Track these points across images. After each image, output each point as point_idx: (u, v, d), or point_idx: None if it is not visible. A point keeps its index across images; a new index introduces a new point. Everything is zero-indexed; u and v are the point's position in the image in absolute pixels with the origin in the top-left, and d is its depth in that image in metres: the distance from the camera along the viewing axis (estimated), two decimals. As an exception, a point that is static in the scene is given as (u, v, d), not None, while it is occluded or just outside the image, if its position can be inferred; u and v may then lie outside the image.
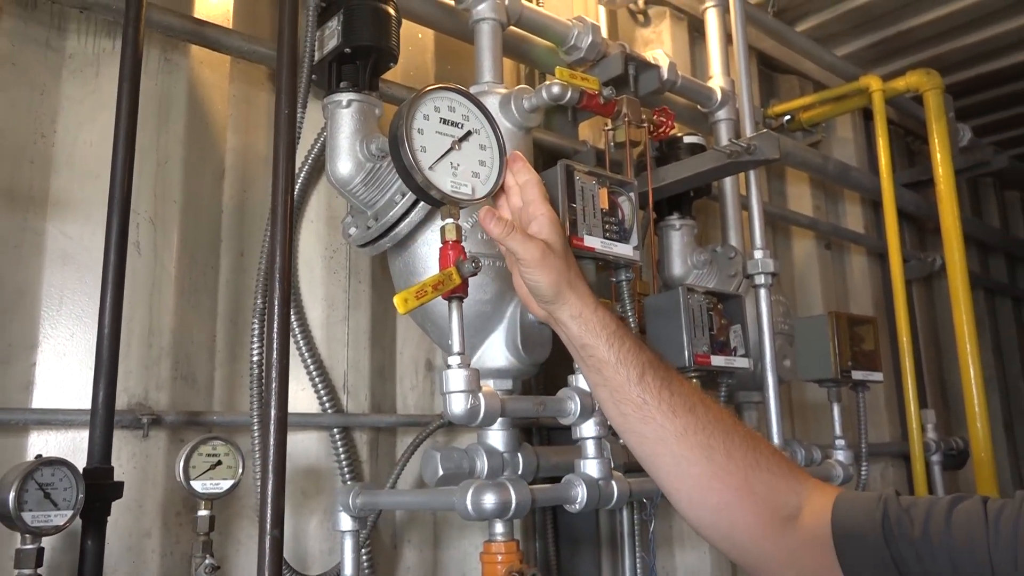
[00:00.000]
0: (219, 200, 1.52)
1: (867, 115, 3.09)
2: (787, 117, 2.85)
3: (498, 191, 1.03)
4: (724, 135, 2.06)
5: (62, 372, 1.29)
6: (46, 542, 1.00)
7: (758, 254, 1.64)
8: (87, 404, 1.25)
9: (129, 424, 1.29)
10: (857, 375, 1.62)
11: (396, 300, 0.96)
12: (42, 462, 0.98)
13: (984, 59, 3.23)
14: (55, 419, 1.24)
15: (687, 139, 1.90)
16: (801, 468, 0.94)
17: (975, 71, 3.32)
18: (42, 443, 1.24)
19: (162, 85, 1.45)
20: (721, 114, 2.06)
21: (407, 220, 1.33)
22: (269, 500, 0.96)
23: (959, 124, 3.19)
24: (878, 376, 1.66)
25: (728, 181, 2.01)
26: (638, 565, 1.85)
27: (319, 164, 1.58)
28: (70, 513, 0.99)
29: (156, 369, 1.36)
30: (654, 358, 0.92)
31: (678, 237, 1.91)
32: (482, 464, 1.30)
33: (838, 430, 1.66)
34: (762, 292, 1.60)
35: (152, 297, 1.37)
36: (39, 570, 0.97)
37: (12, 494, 0.94)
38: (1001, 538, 0.75)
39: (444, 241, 1.03)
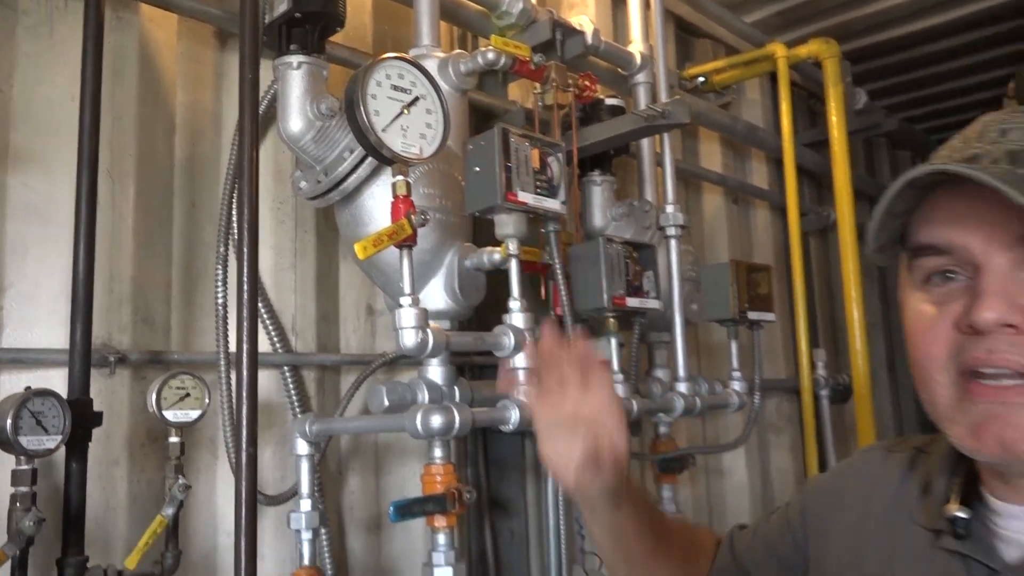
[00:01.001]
0: (171, 154, 1.61)
1: (774, 79, 3.32)
2: (701, 79, 3.04)
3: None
4: (642, 98, 2.22)
5: (29, 316, 1.38)
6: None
7: (669, 208, 1.84)
8: (54, 344, 1.36)
9: (96, 363, 1.38)
10: (753, 315, 1.84)
11: (356, 247, 1.10)
12: (33, 393, 1.08)
13: (882, 28, 3.48)
14: (26, 358, 1.33)
15: (608, 102, 2.05)
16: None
17: (874, 39, 3.58)
18: (13, 381, 1.33)
19: (115, 43, 1.51)
20: (640, 78, 2.22)
21: (355, 175, 1.46)
22: (244, 422, 1.09)
23: (856, 88, 3.46)
24: (771, 316, 1.89)
25: (645, 141, 2.19)
26: (559, 488, 2.07)
27: (266, 121, 1.68)
28: (59, 438, 1.10)
29: (118, 313, 1.46)
30: (655, 513, 0.99)
31: (599, 192, 2.08)
32: (423, 395, 1.46)
33: (735, 364, 1.90)
34: (672, 242, 1.80)
35: (112, 246, 1.46)
36: (33, 487, 1.09)
37: (9, 421, 1.05)
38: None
39: (396, 196, 1.17)
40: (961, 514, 0.73)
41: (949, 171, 0.64)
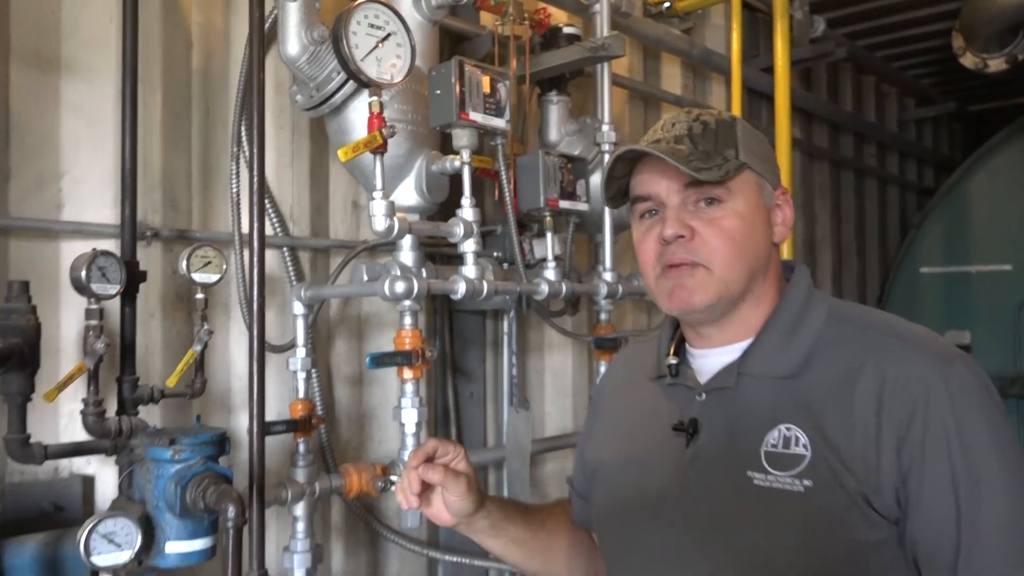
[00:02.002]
0: (189, 66, 1.93)
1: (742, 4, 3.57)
2: (666, 4, 3.30)
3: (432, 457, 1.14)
4: (600, 25, 2.52)
5: (82, 197, 1.73)
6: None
7: (605, 127, 2.18)
8: (103, 220, 1.72)
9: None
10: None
11: (339, 152, 1.47)
12: (99, 252, 1.46)
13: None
14: (84, 230, 1.69)
15: (566, 30, 2.36)
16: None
17: (836, -33, 3.82)
18: (74, 248, 1.69)
19: (142, -30, 1.82)
20: (597, 7, 2.51)
21: (341, 92, 1.79)
22: (255, 280, 1.47)
23: (815, 16, 3.72)
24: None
25: (602, 66, 2.51)
26: (514, 360, 2.49)
27: (266, 41, 1.99)
28: (118, 287, 1.48)
29: (150, 197, 1.81)
30: (529, 512, 1.29)
31: (555, 110, 2.41)
32: (395, 271, 1.85)
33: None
34: (606, 156, 2.15)
35: (144, 142, 1.79)
36: (100, 321, 1.48)
37: (83, 272, 1.43)
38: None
39: (371, 112, 1.52)
40: (673, 361, 1.12)
41: (638, 150, 1.05)
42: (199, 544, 1.41)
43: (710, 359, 1.11)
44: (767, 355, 1.05)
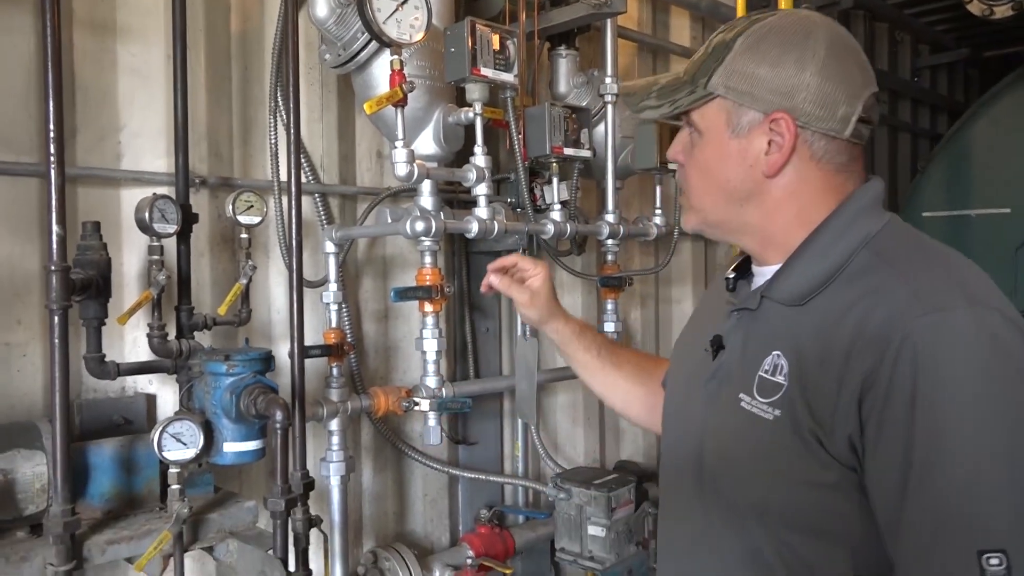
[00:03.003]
0: (228, 29, 2.12)
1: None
2: (675, -42, 3.42)
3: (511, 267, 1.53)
4: (607, -19, 2.66)
5: (138, 148, 1.95)
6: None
7: (608, 80, 2.35)
8: (157, 169, 1.94)
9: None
10: (672, 166, 2.39)
11: (365, 106, 1.66)
12: (159, 196, 1.68)
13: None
14: (141, 177, 1.91)
15: (575, -14, 2.51)
16: (661, 359, 1.56)
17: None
18: (133, 194, 1.92)
19: (186, -58, 2.00)
20: (605, -35, 2.66)
21: (365, 51, 1.98)
22: (293, 220, 1.69)
23: (824, -35, 3.81)
24: (688, 168, 2.44)
25: (608, 21, 2.65)
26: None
27: (299, 3, 2.18)
28: (176, 227, 1.71)
29: (197, 148, 2.02)
30: (604, 343, 1.51)
31: (564, 64, 2.57)
32: (415, 213, 2.05)
33: (659, 203, 2.47)
34: (609, 107, 2.33)
35: (192, 99, 1.99)
36: (161, 256, 1.70)
37: (147, 213, 1.65)
38: None
39: (392, 70, 1.71)
40: (730, 275, 1.14)
41: (637, 110, 1.11)
42: (252, 445, 1.66)
43: (758, 279, 1.10)
44: (787, 280, 1.02)
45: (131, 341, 1.93)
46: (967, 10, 4.18)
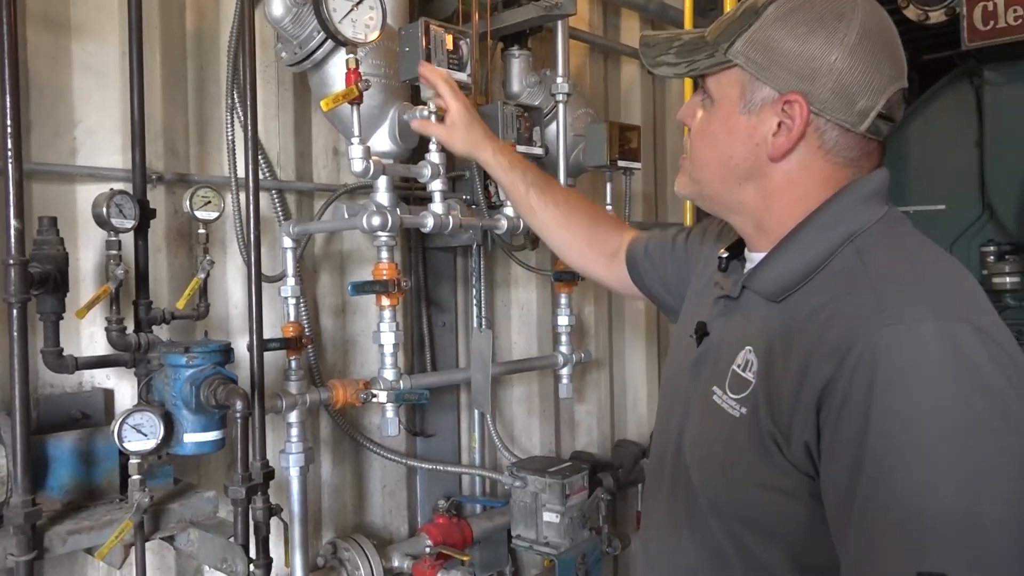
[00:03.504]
0: (183, 27, 2.14)
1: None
2: (625, -39, 3.51)
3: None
4: (558, -17, 2.74)
5: (94, 144, 1.96)
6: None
7: (559, 79, 2.42)
8: (113, 165, 1.95)
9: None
10: (622, 163, 2.47)
11: (321, 103, 1.71)
12: (116, 192, 1.70)
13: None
14: (97, 173, 1.93)
15: (526, -12, 2.58)
16: (622, 221, 1.68)
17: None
18: (89, 190, 1.93)
19: (141, -59, 2.02)
20: (556, -33, 2.73)
21: (321, 50, 2.01)
22: (252, 216, 1.73)
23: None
24: (637, 165, 2.53)
25: (558, 22, 2.73)
26: (483, 294, 2.76)
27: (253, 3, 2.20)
28: (133, 222, 1.73)
29: (154, 145, 2.03)
30: (536, 178, 1.54)
31: (517, 63, 2.64)
32: (372, 208, 2.10)
33: (609, 200, 2.56)
34: (560, 107, 2.41)
35: (148, 96, 2.01)
36: (119, 251, 1.72)
37: (104, 208, 1.67)
38: (675, 254, 1.37)
39: (348, 68, 1.75)
40: (724, 254, 1.10)
41: (653, 64, 1.06)
42: (212, 435, 1.69)
43: (748, 264, 1.07)
44: (767, 272, 0.99)
45: (88, 336, 1.94)
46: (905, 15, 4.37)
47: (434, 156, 1.99)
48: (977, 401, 0.78)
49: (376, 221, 1.87)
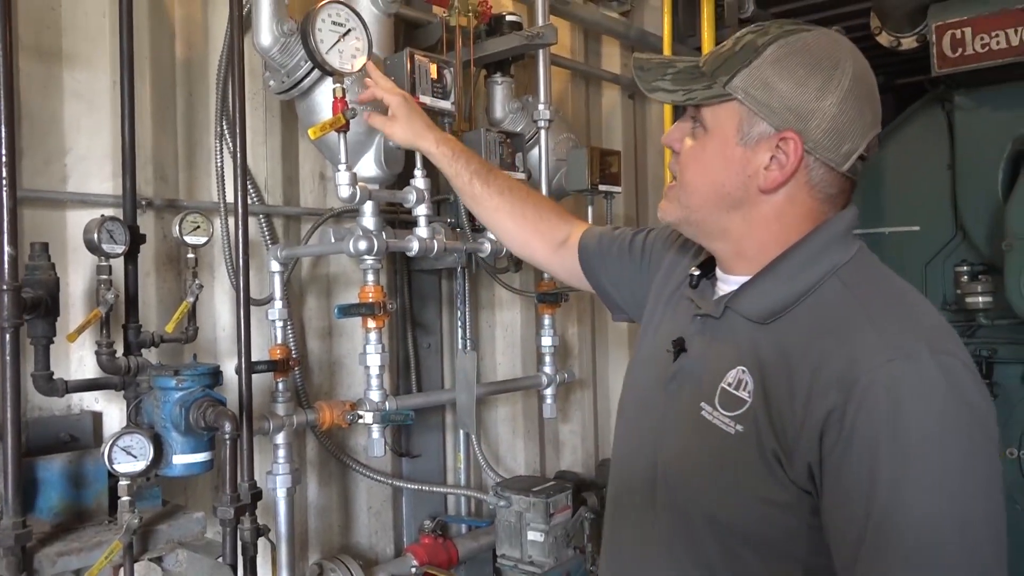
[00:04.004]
0: (173, 56, 2.19)
1: (674, -13, 3.87)
2: (605, -11, 3.60)
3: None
4: (540, 13, 2.80)
5: (84, 171, 1.99)
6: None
7: (541, 106, 2.49)
8: (103, 191, 1.99)
9: (131, 205, 2.03)
10: (603, 187, 2.53)
11: (309, 132, 1.75)
12: (107, 218, 1.73)
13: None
14: (87, 199, 1.96)
15: (509, 18, 2.64)
16: (567, 211, 1.65)
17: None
18: (80, 216, 1.96)
19: (132, -27, 2.06)
20: (538, -3, 2.80)
21: (309, 78, 2.06)
22: (240, 240, 1.77)
23: (744, -2, 4.04)
24: (618, 189, 2.59)
25: (541, 50, 2.80)
26: (467, 316, 2.81)
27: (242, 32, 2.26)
28: (124, 248, 1.76)
29: (144, 171, 2.06)
30: (480, 167, 1.56)
31: (500, 90, 2.70)
32: (358, 232, 2.14)
33: (591, 223, 2.62)
34: (542, 132, 2.47)
35: (138, 123, 2.05)
36: (109, 276, 1.75)
37: (96, 234, 1.70)
38: (632, 255, 1.40)
39: (335, 97, 1.80)
40: (695, 272, 1.15)
41: (640, 58, 1.12)
42: (200, 457, 1.72)
43: (721, 284, 1.12)
44: (754, 296, 1.04)
45: (77, 360, 1.96)
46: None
47: (419, 182, 2.04)
48: (974, 431, 0.88)
49: (362, 246, 1.92)
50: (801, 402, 0.92)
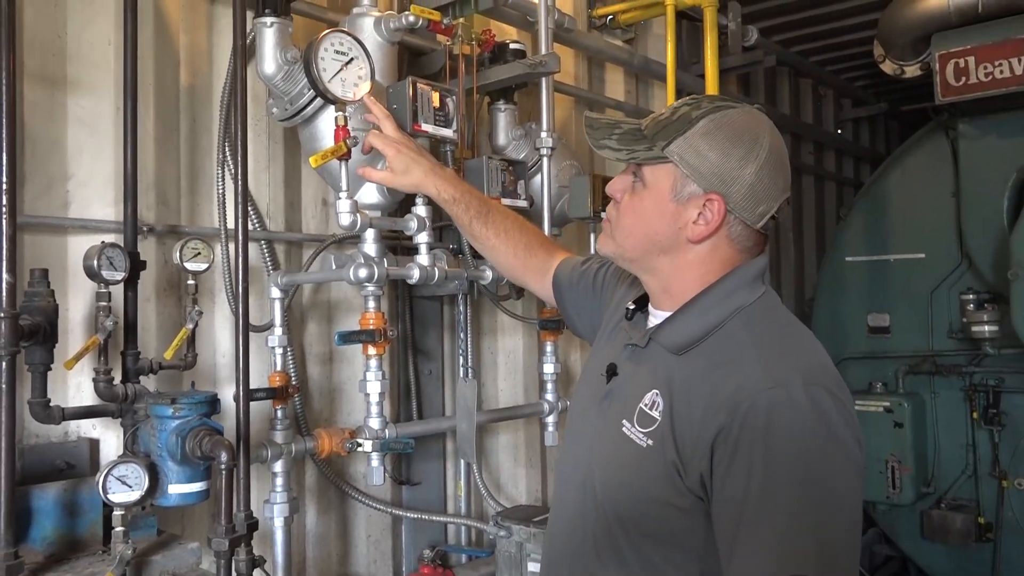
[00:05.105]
0: (177, 83, 2.20)
1: (680, 15, 3.89)
2: (609, 17, 3.62)
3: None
4: (543, 41, 2.81)
5: (86, 197, 2.00)
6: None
7: (543, 134, 2.49)
8: (105, 217, 1.99)
9: (133, 231, 2.03)
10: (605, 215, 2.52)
11: (310, 160, 1.75)
12: (107, 244, 1.73)
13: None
14: (89, 225, 1.96)
15: (512, 46, 2.65)
16: (555, 243, 1.82)
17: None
18: (81, 242, 1.96)
19: (138, -1, 2.08)
20: (541, 25, 2.81)
21: (311, 106, 2.06)
22: (240, 267, 1.76)
23: (748, 26, 4.05)
24: (620, 216, 2.59)
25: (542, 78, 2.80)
26: (469, 343, 2.79)
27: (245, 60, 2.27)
28: (124, 274, 1.75)
29: (145, 197, 2.07)
30: (479, 209, 1.68)
31: (503, 117, 2.71)
32: (359, 260, 2.13)
33: (593, 249, 2.60)
34: (544, 160, 2.47)
35: (140, 149, 2.05)
36: (108, 303, 1.75)
37: (95, 261, 1.70)
38: (594, 289, 1.56)
39: (337, 125, 1.80)
40: (631, 307, 1.32)
41: (591, 117, 1.29)
42: (196, 487, 1.70)
43: (652, 318, 1.29)
44: (671, 330, 1.21)
45: (75, 386, 1.95)
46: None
47: (420, 209, 2.04)
48: (830, 449, 1.07)
49: (363, 273, 1.91)
50: (698, 422, 1.10)
